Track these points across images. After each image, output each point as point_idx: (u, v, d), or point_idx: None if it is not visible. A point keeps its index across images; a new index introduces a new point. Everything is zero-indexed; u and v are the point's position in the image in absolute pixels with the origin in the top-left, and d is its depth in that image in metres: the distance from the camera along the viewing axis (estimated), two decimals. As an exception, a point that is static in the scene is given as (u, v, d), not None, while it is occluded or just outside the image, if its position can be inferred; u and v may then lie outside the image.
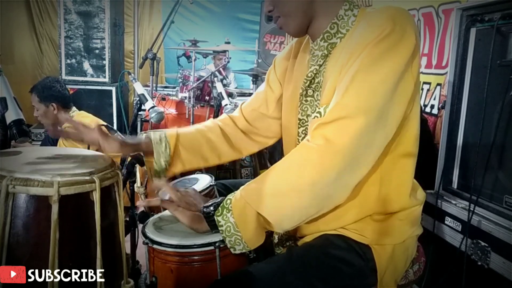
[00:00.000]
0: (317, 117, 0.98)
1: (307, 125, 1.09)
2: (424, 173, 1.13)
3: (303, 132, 1.11)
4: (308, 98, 1.09)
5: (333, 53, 1.03)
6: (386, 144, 0.95)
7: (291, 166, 0.93)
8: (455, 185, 1.66)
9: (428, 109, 2.61)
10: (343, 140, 0.87)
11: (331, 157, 0.88)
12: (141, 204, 1.25)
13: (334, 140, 0.88)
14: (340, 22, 1.02)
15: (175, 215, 1.04)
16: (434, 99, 2.57)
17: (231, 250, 0.97)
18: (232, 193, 0.99)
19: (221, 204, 0.97)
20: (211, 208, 0.98)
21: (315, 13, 1.03)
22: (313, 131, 0.92)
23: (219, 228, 0.96)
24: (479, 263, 1.42)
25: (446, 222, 1.61)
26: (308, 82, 1.07)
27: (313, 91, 1.08)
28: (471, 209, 1.46)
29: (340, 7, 1.02)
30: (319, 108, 0.99)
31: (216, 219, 0.97)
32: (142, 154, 1.23)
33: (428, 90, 2.63)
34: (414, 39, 0.90)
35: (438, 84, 2.54)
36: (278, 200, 0.92)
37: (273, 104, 1.26)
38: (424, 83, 2.65)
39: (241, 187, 0.98)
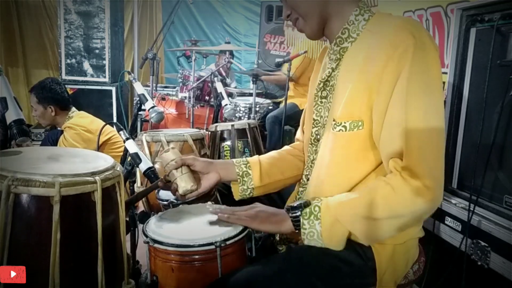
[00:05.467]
0: (342, 130, 1.02)
1: (320, 125, 1.14)
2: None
3: (316, 132, 1.16)
4: (323, 100, 1.13)
5: (345, 57, 1.06)
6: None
7: (387, 196, 0.95)
8: (455, 185, 1.66)
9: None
10: (436, 190, 0.93)
11: (425, 200, 0.92)
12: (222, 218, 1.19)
13: (430, 188, 0.92)
14: (351, 28, 1.06)
15: (259, 228, 1.07)
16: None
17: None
18: (318, 200, 1.01)
19: (310, 209, 1.00)
20: (297, 212, 1.00)
21: (330, 14, 1.07)
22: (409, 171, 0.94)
23: (302, 230, 0.99)
24: (479, 263, 1.42)
25: (446, 222, 1.61)
26: (322, 84, 1.11)
27: (327, 93, 1.11)
28: (471, 209, 1.46)
29: (351, 13, 1.06)
30: (344, 122, 1.01)
31: (301, 221, 0.99)
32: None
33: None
34: (436, 49, 0.95)
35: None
36: (371, 224, 0.96)
37: None
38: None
39: (330, 200, 1.00)
